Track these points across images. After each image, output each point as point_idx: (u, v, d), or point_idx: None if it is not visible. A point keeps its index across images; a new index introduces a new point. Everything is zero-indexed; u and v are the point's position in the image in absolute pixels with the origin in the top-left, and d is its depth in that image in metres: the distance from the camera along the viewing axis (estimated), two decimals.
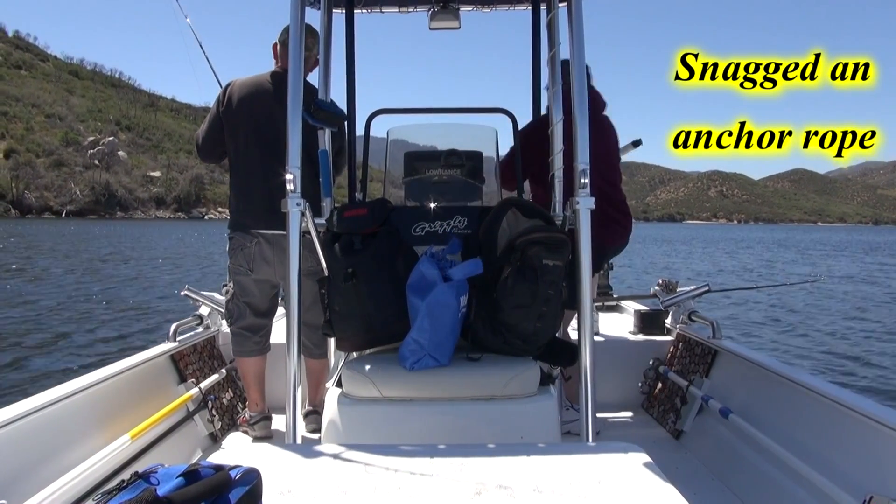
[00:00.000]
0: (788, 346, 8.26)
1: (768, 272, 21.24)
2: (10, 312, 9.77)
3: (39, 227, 53.45)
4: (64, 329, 8.48)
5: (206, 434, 2.68)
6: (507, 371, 1.78)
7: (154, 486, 0.96)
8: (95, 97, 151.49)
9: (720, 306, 11.08)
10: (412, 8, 2.60)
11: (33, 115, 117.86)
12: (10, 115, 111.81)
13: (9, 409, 1.71)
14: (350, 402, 1.79)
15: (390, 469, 1.29)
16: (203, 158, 2.86)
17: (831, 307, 12.14)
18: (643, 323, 3.31)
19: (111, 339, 7.80)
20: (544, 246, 1.77)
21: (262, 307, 2.74)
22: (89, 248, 27.43)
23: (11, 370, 6.27)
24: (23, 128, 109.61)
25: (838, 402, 1.88)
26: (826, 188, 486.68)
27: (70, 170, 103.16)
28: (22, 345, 7.46)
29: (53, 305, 10.60)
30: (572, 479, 1.24)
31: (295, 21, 1.80)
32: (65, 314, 9.73)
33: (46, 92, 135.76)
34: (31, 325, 8.80)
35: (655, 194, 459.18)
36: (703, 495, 2.21)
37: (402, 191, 2.34)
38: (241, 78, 2.72)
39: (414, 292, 1.78)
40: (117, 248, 27.80)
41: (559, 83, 2.17)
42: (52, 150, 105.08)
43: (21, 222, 69.64)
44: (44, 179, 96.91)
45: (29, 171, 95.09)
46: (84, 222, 77.27)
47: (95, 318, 9.40)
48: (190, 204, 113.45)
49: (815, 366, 7.09)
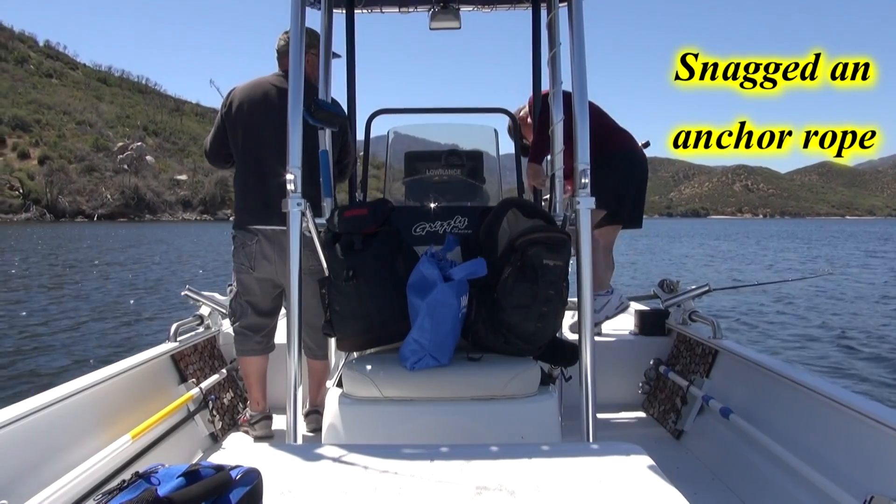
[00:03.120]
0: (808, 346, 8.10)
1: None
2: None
3: (94, 230, 54.55)
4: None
5: (206, 434, 2.68)
6: (508, 371, 1.78)
7: (155, 486, 0.96)
8: (123, 103, 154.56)
9: (726, 305, 10.95)
10: (412, 8, 2.61)
11: (65, 123, 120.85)
12: (43, 123, 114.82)
13: (9, 410, 1.72)
14: (351, 402, 1.80)
15: (391, 469, 1.29)
16: (212, 163, 2.92)
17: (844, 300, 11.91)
18: (644, 323, 3.30)
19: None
20: (545, 246, 1.78)
21: (264, 306, 2.75)
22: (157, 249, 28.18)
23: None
24: (55, 135, 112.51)
25: (839, 402, 1.87)
26: (855, 181, 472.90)
27: (101, 174, 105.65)
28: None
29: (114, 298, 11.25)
30: (573, 480, 1.24)
31: (295, 21, 1.80)
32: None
33: (77, 99, 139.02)
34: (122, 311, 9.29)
35: (679, 189, 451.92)
36: (703, 495, 2.21)
37: (402, 190, 2.36)
38: (242, 83, 2.77)
39: (414, 292, 1.79)
40: (170, 247, 28.34)
41: (559, 83, 2.16)
42: (84, 156, 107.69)
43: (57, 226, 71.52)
44: (76, 184, 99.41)
45: (62, 177, 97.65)
46: (115, 225, 78.98)
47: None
48: (215, 206, 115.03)
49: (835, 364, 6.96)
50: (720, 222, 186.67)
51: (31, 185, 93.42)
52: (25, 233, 48.35)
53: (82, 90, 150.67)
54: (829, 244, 32.98)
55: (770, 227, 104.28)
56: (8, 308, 10.41)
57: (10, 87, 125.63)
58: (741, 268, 20.18)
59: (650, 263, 21.29)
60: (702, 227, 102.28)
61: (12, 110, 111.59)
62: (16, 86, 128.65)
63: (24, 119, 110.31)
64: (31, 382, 5.55)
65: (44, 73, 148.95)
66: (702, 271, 18.74)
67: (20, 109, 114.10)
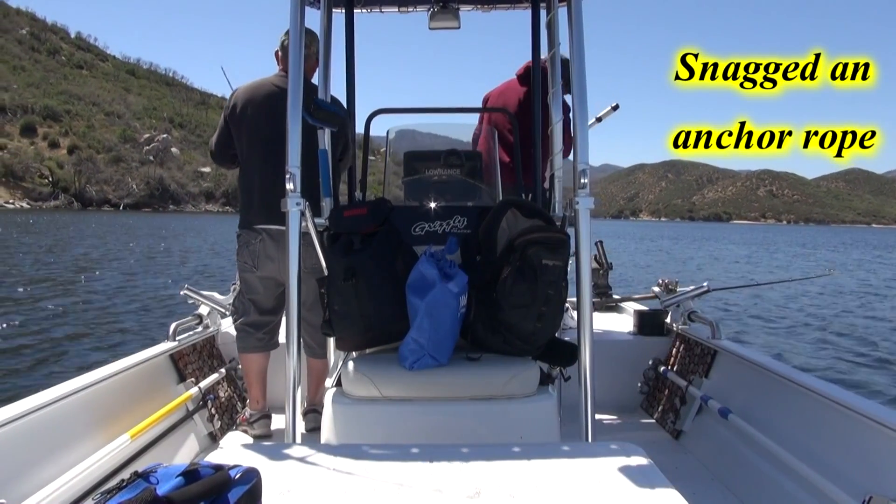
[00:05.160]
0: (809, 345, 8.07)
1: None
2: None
3: (133, 220, 55.18)
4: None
5: (205, 433, 2.68)
6: (507, 371, 1.78)
7: (154, 486, 0.97)
8: (151, 95, 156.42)
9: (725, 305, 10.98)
10: (412, 8, 2.60)
11: (94, 113, 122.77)
12: (73, 114, 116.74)
13: (9, 409, 1.71)
14: (350, 401, 1.80)
15: (389, 469, 1.29)
16: (218, 163, 2.95)
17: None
18: (643, 323, 3.30)
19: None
20: (544, 246, 1.78)
21: (267, 305, 2.76)
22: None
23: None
24: (84, 125, 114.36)
25: (838, 402, 1.87)
26: (883, 188, 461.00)
27: (127, 165, 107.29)
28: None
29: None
30: (572, 480, 1.24)
31: (295, 21, 1.81)
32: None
33: (106, 91, 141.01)
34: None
35: (703, 193, 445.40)
36: (702, 495, 2.21)
37: (401, 190, 2.36)
38: (245, 84, 2.80)
39: (413, 292, 1.79)
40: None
41: (559, 83, 2.16)
42: (111, 147, 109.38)
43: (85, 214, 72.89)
44: (103, 174, 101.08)
45: (90, 167, 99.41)
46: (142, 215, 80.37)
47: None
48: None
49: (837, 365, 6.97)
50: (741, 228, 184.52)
51: (60, 173, 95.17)
52: (88, 220, 48.95)
53: (111, 82, 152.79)
54: (839, 250, 32.44)
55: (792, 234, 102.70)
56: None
57: (42, 78, 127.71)
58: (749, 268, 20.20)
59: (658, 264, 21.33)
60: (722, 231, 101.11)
61: (44, 100, 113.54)
62: (47, 76, 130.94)
63: (55, 109, 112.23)
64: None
65: (74, 65, 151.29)
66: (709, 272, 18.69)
67: (51, 100, 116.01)
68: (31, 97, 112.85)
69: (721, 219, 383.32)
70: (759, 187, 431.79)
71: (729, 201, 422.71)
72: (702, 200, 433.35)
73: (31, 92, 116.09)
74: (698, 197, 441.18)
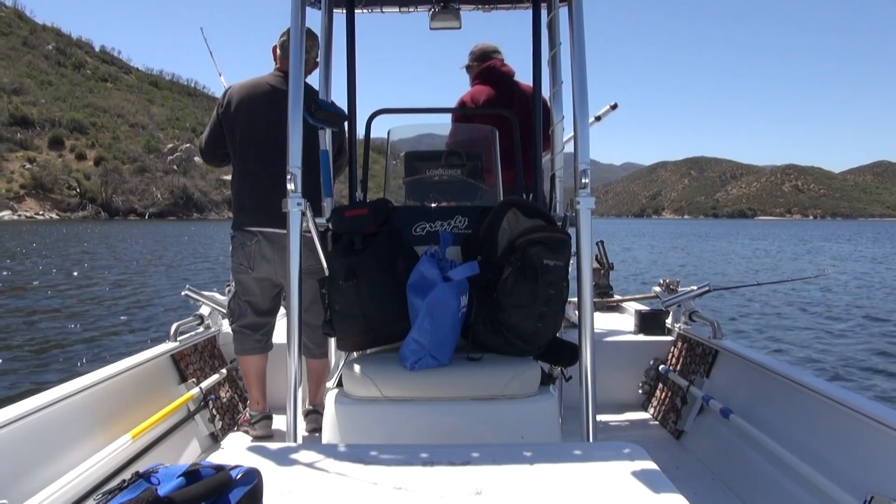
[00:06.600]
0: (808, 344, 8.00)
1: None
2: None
3: (160, 229, 56.32)
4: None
5: (206, 434, 2.68)
6: (508, 371, 1.78)
7: (155, 486, 0.97)
8: (173, 106, 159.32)
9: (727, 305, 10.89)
10: (413, 8, 2.60)
11: (119, 125, 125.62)
12: (99, 126, 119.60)
13: (9, 409, 1.71)
14: (351, 401, 1.80)
15: (390, 469, 1.29)
16: (206, 161, 2.91)
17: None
18: (644, 323, 3.29)
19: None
20: (545, 246, 1.78)
21: (263, 306, 2.75)
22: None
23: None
24: (110, 137, 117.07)
25: (839, 402, 1.87)
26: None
27: (152, 175, 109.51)
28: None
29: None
30: (573, 480, 1.24)
31: (295, 21, 1.81)
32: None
33: (130, 102, 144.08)
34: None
35: (726, 189, 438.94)
36: (703, 495, 2.20)
37: (402, 190, 2.37)
38: (240, 81, 2.76)
39: (414, 292, 1.79)
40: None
41: (560, 83, 2.15)
42: (136, 157, 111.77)
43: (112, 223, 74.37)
44: (129, 184, 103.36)
45: (116, 177, 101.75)
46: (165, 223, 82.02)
47: None
48: None
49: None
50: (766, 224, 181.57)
51: (87, 184, 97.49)
52: (119, 230, 49.93)
53: (135, 93, 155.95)
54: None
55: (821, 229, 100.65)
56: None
57: (68, 92, 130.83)
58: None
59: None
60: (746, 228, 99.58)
61: (70, 113, 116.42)
62: (73, 90, 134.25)
63: (82, 122, 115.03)
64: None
65: (99, 78, 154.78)
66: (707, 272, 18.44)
67: (77, 112, 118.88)
68: (59, 111, 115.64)
69: (745, 215, 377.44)
70: (785, 182, 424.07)
71: (753, 197, 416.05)
72: (725, 197, 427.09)
73: (58, 106, 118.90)
74: (722, 193, 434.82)
